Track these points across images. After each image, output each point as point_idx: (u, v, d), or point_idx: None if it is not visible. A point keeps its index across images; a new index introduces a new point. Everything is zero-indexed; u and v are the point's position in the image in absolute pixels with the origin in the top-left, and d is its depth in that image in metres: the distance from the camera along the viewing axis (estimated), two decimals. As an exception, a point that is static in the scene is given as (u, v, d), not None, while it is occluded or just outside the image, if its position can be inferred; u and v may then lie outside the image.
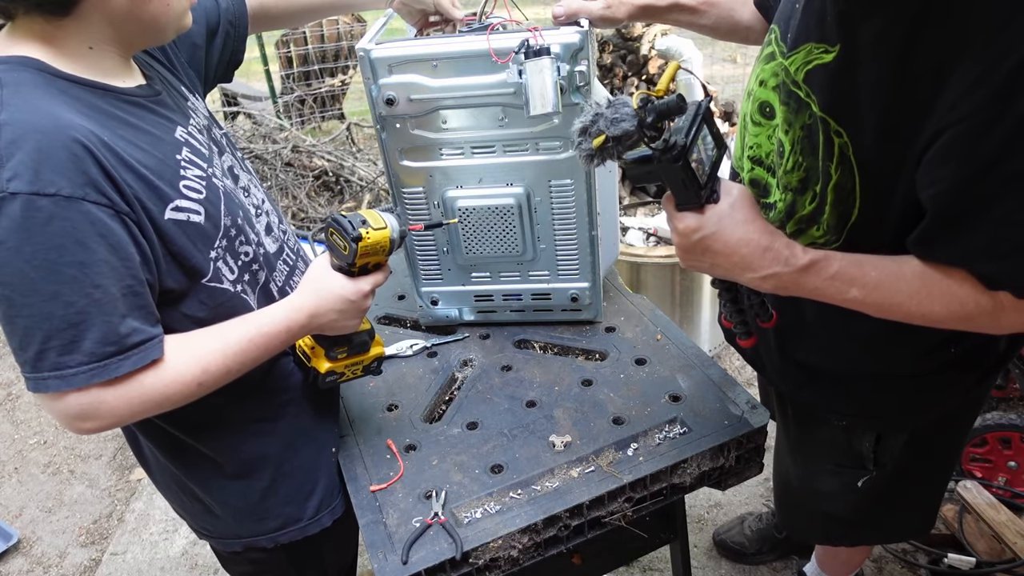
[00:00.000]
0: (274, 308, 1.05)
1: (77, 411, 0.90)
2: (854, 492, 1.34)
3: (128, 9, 0.93)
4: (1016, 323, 0.91)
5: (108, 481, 2.74)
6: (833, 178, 0.99)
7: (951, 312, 0.91)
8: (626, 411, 1.31)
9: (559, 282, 1.50)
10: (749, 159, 1.19)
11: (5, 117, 0.84)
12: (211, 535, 1.26)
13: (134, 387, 0.92)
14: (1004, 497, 2.06)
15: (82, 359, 0.87)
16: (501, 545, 1.10)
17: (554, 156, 1.32)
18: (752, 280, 0.97)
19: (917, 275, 0.91)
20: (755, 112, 1.14)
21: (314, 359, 1.16)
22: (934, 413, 1.24)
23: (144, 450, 1.20)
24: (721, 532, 2.16)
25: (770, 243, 0.94)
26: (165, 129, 1.02)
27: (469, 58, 1.22)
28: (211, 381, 0.98)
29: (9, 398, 3.22)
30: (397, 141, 1.34)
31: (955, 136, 0.81)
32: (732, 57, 5.92)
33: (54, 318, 0.85)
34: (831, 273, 0.93)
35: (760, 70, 1.12)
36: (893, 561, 2.06)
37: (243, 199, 1.14)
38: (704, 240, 0.95)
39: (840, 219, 1.01)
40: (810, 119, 1.00)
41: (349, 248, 1.05)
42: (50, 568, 2.42)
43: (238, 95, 5.44)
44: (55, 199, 0.83)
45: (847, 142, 0.95)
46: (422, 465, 1.24)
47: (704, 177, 0.93)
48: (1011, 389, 2.26)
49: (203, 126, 1.13)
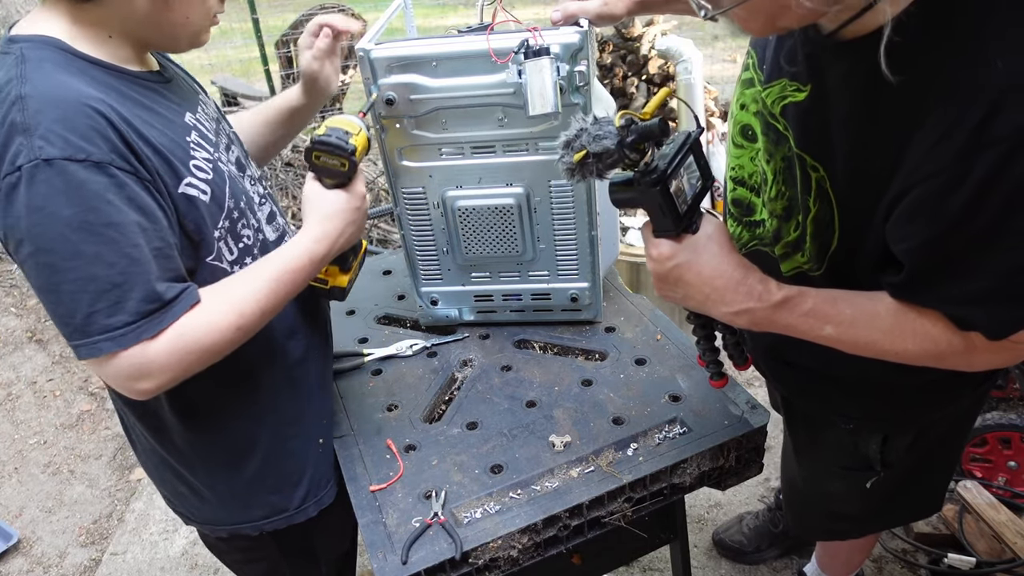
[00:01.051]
0: (294, 244, 1.07)
1: (130, 371, 0.92)
2: (862, 493, 1.34)
3: (147, 12, 0.97)
4: (988, 362, 0.92)
5: (108, 481, 2.74)
6: (812, 211, 0.99)
7: (924, 351, 0.91)
8: (626, 411, 1.31)
9: (559, 282, 1.50)
10: (732, 179, 1.19)
11: (28, 89, 0.87)
12: (196, 519, 1.27)
13: (179, 340, 0.94)
14: (1004, 497, 2.06)
15: (128, 318, 0.90)
16: (501, 545, 1.10)
17: (554, 156, 1.31)
18: (725, 315, 0.97)
19: (891, 313, 0.92)
20: (736, 135, 1.15)
21: (332, 280, 1.18)
22: (939, 413, 1.24)
23: (135, 434, 1.22)
24: (720, 531, 2.17)
25: (744, 277, 0.94)
26: (176, 112, 1.05)
27: (469, 58, 1.22)
28: (248, 324, 1.01)
29: (9, 398, 3.22)
30: (397, 141, 1.34)
31: (922, 194, 0.81)
32: (732, 57, 5.92)
33: (98, 279, 0.88)
34: (805, 310, 0.94)
35: (740, 94, 1.13)
36: (893, 561, 2.06)
37: (247, 186, 1.16)
38: (677, 269, 0.95)
39: (820, 249, 1.01)
40: (789, 151, 1.00)
41: (349, 163, 1.07)
42: (50, 568, 2.42)
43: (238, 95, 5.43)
44: (85, 164, 0.87)
45: (824, 176, 0.95)
46: (422, 465, 1.24)
47: (684, 206, 0.93)
48: (1011, 389, 2.26)
49: (213, 117, 1.16)
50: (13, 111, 0.86)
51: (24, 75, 0.88)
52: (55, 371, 3.35)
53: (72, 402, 3.15)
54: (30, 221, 0.86)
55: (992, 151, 0.74)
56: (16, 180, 0.85)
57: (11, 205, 0.87)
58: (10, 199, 0.86)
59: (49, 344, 3.51)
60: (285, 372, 1.21)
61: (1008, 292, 0.83)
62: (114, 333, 0.90)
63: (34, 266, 0.88)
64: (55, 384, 3.28)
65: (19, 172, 0.85)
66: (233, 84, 5.62)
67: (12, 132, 0.86)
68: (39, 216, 0.86)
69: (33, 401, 3.19)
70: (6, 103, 0.87)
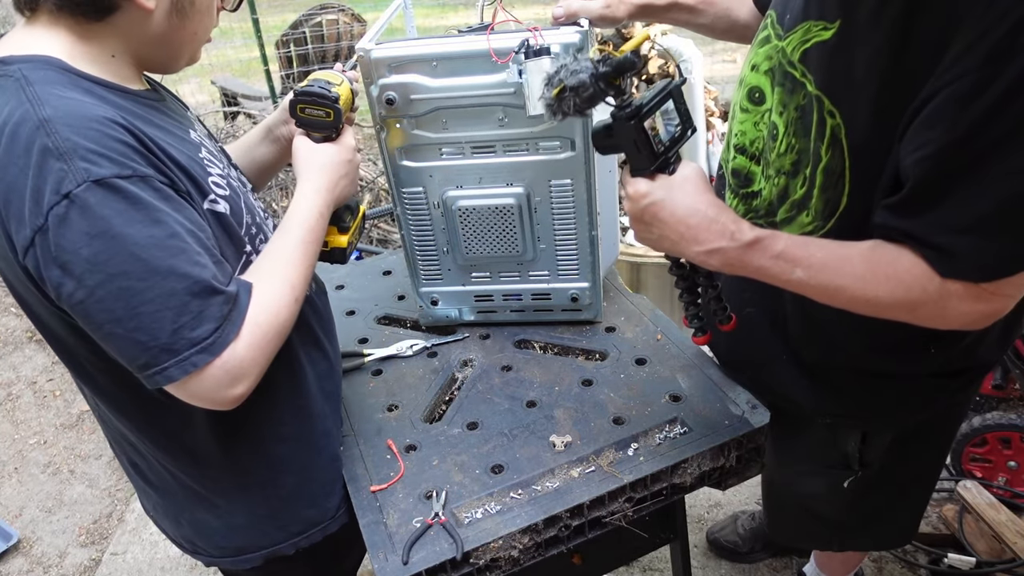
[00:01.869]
0: (297, 205, 1.07)
1: (225, 378, 0.90)
2: (840, 494, 1.34)
3: (163, 31, 0.94)
4: (961, 315, 0.90)
5: (108, 481, 2.74)
6: (823, 160, 0.98)
7: (896, 299, 0.90)
8: (626, 411, 1.31)
9: (559, 282, 1.50)
10: (734, 147, 1.18)
11: (50, 112, 0.81)
12: (227, 554, 1.21)
13: (256, 330, 0.93)
14: (1004, 497, 2.07)
15: (213, 325, 0.88)
16: (502, 545, 1.10)
17: (554, 156, 1.32)
18: (698, 255, 0.96)
19: (864, 258, 0.91)
20: (744, 99, 1.14)
21: (332, 241, 1.18)
22: (918, 416, 1.23)
23: (152, 472, 1.16)
24: (715, 531, 2.16)
25: (717, 216, 0.94)
26: (183, 130, 1.03)
27: (469, 58, 1.22)
28: (300, 293, 1.01)
29: (9, 398, 3.22)
30: (397, 141, 1.34)
31: (947, 97, 0.80)
32: (732, 58, 5.92)
33: (178, 293, 0.85)
34: (776, 251, 0.93)
35: (753, 55, 1.12)
36: (893, 561, 2.06)
37: (254, 202, 1.16)
38: (652, 207, 0.96)
39: (828, 205, 1.00)
40: (804, 99, 0.99)
41: (334, 111, 1.08)
42: (50, 568, 2.42)
43: (238, 95, 5.44)
44: (133, 179, 0.83)
45: (839, 123, 0.94)
46: (422, 465, 1.24)
47: (660, 147, 0.95)
48: (1011, 389, 2.26)
49: (208, 135, 1.15)
50: (40, 136, 0.80)
51: (38, 97, 0.82)
52: (55, 371, 3.34)
53: (72, 402, 3.15)
54: (93, 249, 0.80)
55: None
56: (66, 209, 0.79)
57: (64, 238, 0.80)
58: (62, 231, 0.80)
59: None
60: (318, 383, 1.21)
61: (1002, 224, 0.82)
62: (204, 343, 0.87)
63: (104, 297, 0.82)
64: (55, 384, 3.28)
65: (68, 199, 0.79)
66: (233, 84, 5.63)
67: (46, 158, 0.79)
68: (102, 241, 0.80)
69: (33, 401, 3.19)
70: (27, 126, 0.81)
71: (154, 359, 0.86)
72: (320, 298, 1.28)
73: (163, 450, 1.10)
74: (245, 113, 5.17)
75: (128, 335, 0.85)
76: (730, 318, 1.10)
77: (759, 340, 1.26)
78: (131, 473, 1.21)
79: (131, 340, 0.85)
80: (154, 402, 1.00)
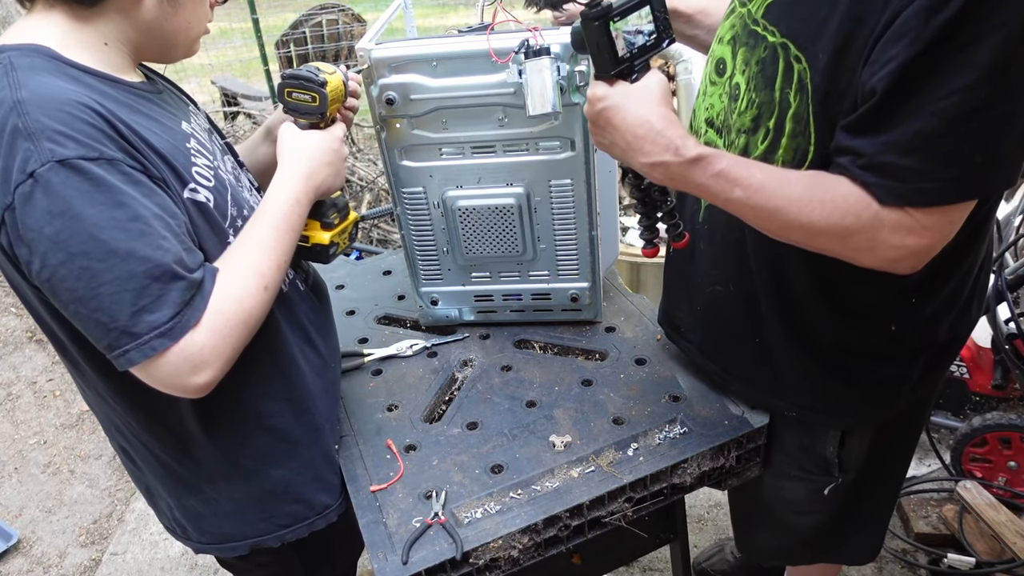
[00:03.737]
0: (274, 190, 1.06)
1: (185, 365, 0.89)
2: (819, 502, 1.33)
3: (154, 17, 0.96)
4: (891, 248, 0.90)
5: (108, 481, 2.74)
6: (792, 106, 0.98)
7: (830, 224, 0.90)
8: (626, 411, 1.31)
9: (559, 282, 1.50)
10: (705, 122, 1.18)
11: (25, 94, 0.84)
12: (214, 541, 1.22)
13: (218, 317, 0.92)
14: (1004, 497, 2.07)
15: (172, 310, 0.87)
16: (501, 545, 1.10)
17: (554, 156, 1.32)
18: (643, 166, 0.96)
19: (803, 183, 0.91)
20: (712, 71, 1.15)
21: (313, 236, 1.16)
22: (881, 408, 1.21)
23: (140, 457, 1.17)
24: (702, 560, 2.08)
25: (664, 129, 0.93)
26: (172, 120, 1.03)
27: (469, 58, 1.22)
28: (270, 281, 0.99)
29: (9, 398, 3.22)
30: (397, 141, 1.34)
31: (911, 13, 0.80)
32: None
33: (136, 276, 0.85)
34: (717, 170, 0.92)
35: (720, 28, 1.13)
36: (893, 561, 2.06)
37: (247, 196, 1.15)
38: (606, 112, 0.96)
39: (797, 153, 1.00)
40: (765, 51, 1.00)
41: (320, 96, 1.07)
42: (50, 568, 2.42)
43: (238, 95, 5.45)
44: (99, 162, 0.84)
45: (805, 67, 0.94)
46: (422, 465, 1.24)
47: (626, 52, 0.94)
48: (1011, 389, 2.26)
49: (205, 128, 1.14)
50: (12, 116, 0.83)
51: (17, 81, 0.85)
52: (55, 371, 3.35)
53: (72, 402, 3.15)
54: (54, 228, 0.82)
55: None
56: (31, 188, 0.81)
57: (29, 216, 0.82)
58: (27, 210, 0.82)
59: (49, 344, 3.49)
60: (310, 379, 1.21)
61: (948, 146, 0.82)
62: (163, 328, 0.87)
63: (66, 276, 0.84)
64: (55, 384, 3.28)
65: (32, 179, 0.81)
66: (233, 84, 5.63)
67: (15, 138, 0.82)
68: (63, 221, 0.82)
69: (33, 401, 3.19)
70: (3, 108, 0.83)
71: (116, 341, 0.87)
72: (316, 293, 1.28)
73: (149, 432, 1.11)
74: (245, 113, 5.17)
75: (90, 315, 0.86)
76: (682, 235, 1.09)
77: (730, 321, 1.24)
78: (123, 459, 1.22)
79: (93, 320, 0.86)
80: (137, 385, 1.01)
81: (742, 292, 1.18)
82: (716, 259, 1.20)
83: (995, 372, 2.23)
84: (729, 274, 1.19)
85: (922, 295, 1.08)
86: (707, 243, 1.21)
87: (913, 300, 1.07)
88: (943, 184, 0.85)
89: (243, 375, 1.02)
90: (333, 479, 1.26)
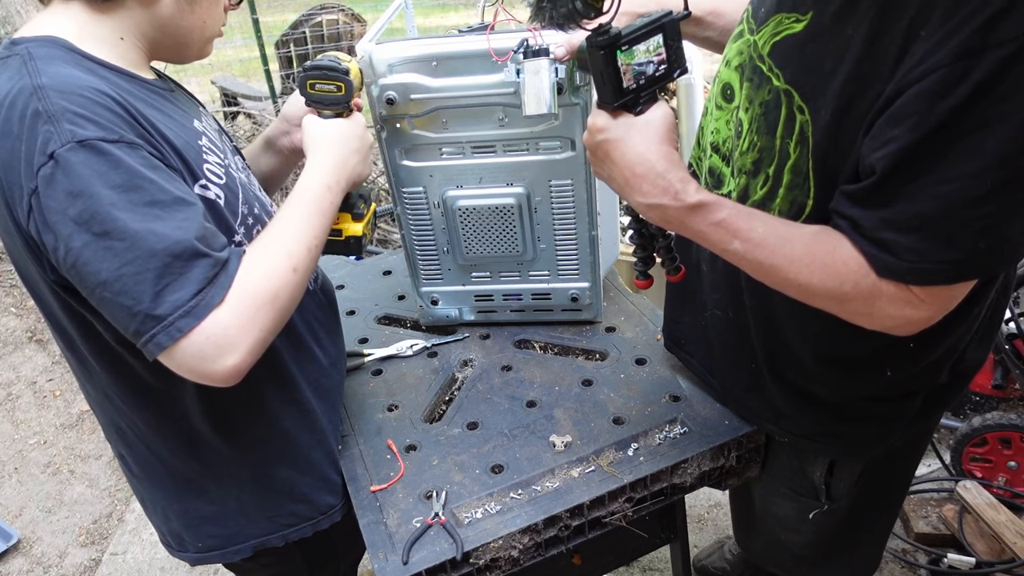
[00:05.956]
0: (305, 178, 1.05)
1: (209, 346, 0.86)
2: (806, 523, 1.31)
3: (171, 14, 0.97)
4: (887, 317, 0.88)
5: (108, 481, 2.74)
6: (792, 157, 0.95)
7: (827, 289, 0.88)
8: (626, 411, 1.31)
9: (559, 282, 1.50)
10: (711, 145, 1.16)
11: (46, 80, 0.85)
12: (217, 546, 1.21)
13: (245, 296, 0.89)
14: (1004, 497, 2.07)
15: (194, 287, 0.85)
16: (502, 545, 1.10)
17: (554, 156, 1.32)
18: (640, 205, 0.94)
19: (804, 242, 0.89)
20: (718, 95, 1.12)
21: (346, 229, 1.17)
22: (872, 443, 1.19)
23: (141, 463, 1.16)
24: (702, 558, 2.09)
25: (665, 171, 0.90)
26: (185, 117, 1.04)
27: (469, 58, 1.22)
28: (300, 263, 0.97)
29: (9, 398, 3.22)
30: (397, 141, 1.34)
31: (914, 95, 0.77)
32: (732, 57, 5.91)
33: (157, 254, 0.83)
34: (717, 219, 0.90)
35: (728, 50, 1.10)
36: (893, 561, 2.06)
37: (258, 193, 1.15)
38: (606, 144, 0.93)
39: (793, 206, 0.98)
40: (769, 94, 0.97)
41: (345, 84, 1.07)
42: (50, 568, 2.42)
43: (238, 95, 5.44)
44: (119, 144, 0.84)
45: (808, 120, 0.92)
46: (422, 465, 1.24)
47: (632, 83, 0.90)
48: (1011, 389, 2.26)
49: (216, 129, 1.15)
50: (33, 101, 0.83)
51: (37, 69, 0.86)
52: (55, 371, 3.35)
53: (72, 402, 3.15)
54: (76, 209, 0.81)
55: (998, 51, 0.72)
56: (52, 170, 0.81)
57: (51, 198, 0.82)
58: (49, 192, 0.81)
59: (49, 344, 3.51)
60: (313, 379, 1.21)
61: (947, 228, 0.79)
62: (187, 306, 0.84)
63: (91, 258, 0.83)
64: (55, 384, 3.28)
65: (53, 160, 0.81)
66: (233, 84, 5.63)
67: (36, 121, 0.82)
68: (84, 201, 0.81)
69: (33, 401, 3.19)
70: (24, 94, 0.84)
71: (142, 326, 0.85)
72: (324, 293, 1.28)
73: (156, 433, 1.10)
74: (245, 113, 5.17)
75: (115, 298, 0.84)
76: (679, 269, 1.07)
77: (727, 346, 1.24)
78: (121, 465, 1.21)
79: (119, 304, 0.84)
80: (147, 384, 1.00)
81: (739, 321, 1.16)
82: (716, 284, 1.19)
83: (995, 372, 2.23)
84: (728, 301, 1.18)
85: (922, 343, 1.01)
86: (709, 267, 1.20)
87: (911, 345, 1.02)
88: (942, 266, 0.82)
89: (252, 374, 1.02)
90: (337, 479, 1.26)
